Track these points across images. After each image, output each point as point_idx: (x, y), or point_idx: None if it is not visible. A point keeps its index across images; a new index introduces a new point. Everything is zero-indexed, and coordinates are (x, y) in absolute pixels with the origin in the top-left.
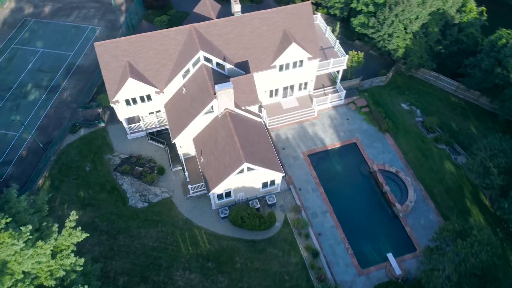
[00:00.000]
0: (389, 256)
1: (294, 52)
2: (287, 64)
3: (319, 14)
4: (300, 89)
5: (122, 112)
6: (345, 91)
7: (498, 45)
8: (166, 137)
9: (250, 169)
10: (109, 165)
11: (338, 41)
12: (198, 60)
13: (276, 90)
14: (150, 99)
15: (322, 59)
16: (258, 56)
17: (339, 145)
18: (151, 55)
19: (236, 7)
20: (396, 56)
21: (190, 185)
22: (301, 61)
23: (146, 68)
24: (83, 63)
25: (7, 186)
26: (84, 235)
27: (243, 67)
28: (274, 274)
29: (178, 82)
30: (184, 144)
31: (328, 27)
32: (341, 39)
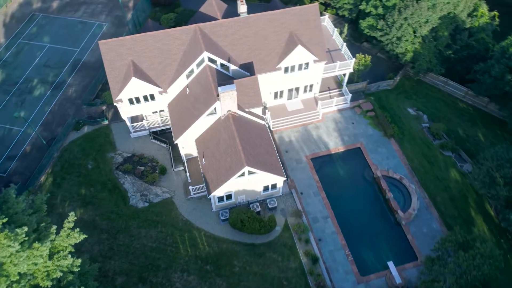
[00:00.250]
0: (390, 264)
1: (300, 55)
2: (293, 66)
3: (327, 15)
4: (305, 91)
5: (125, 111)
6: (350, 95)
7: (510, 52)
8: (169, 136)
9: (251, 173)
10: (111, 163)
11: (345, 43)
12: (202, 60)
13: (281, 92)
14: (153, 99)
15: (329, 62)
16: (263, 57)
17: (343, 149)
18: (155, 54)
19: (242, 8)
20: (404, 60)
21: (191, 186)
22: (307, 64)
23: (150, 67)
24: (89, 59)
25: (10, 181)
26: (82, 236)
27: (248, 68)
28: (273, 279)
29: (182, 82)
30: (186, 144)
31: (336, 28)
32: (349, 41)
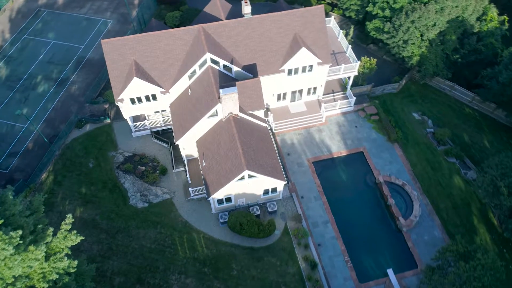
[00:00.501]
0: (389, 272)
1: (304, 57)
2: (296, 69)
3: (333, 16)
4: (308, 94)
5: (127, 110)
6: (355, 98)
7: None
8: (171, 136)
9: (251, 176)
10: (112, 162)
11: (350, 46)
12: (204, 61)
13: (284, 94)
14: (155, 99)
15: (333, 64)
16: (267, 59)
17: (345, 153)
18: (158, 54)
19: (246, 9)
20: (410, 63)
21: (191, 188)
22: (311, 66)
23: (153, 67)
24: (93, 56)
25: (12, 178)
26: (79, 238)
27: (251, 70)
28: (270, 284)
29: (184, 83)
30: (188, 146)
31: (341, 30)
32: (355, 42)
